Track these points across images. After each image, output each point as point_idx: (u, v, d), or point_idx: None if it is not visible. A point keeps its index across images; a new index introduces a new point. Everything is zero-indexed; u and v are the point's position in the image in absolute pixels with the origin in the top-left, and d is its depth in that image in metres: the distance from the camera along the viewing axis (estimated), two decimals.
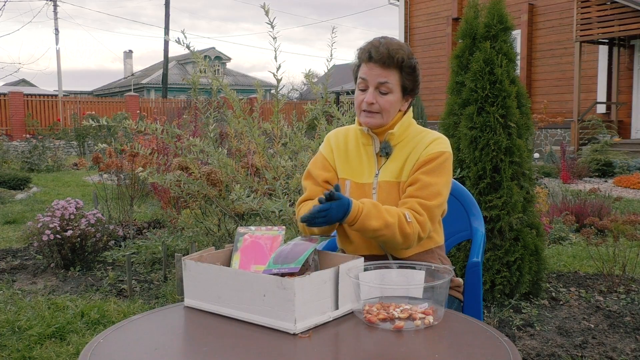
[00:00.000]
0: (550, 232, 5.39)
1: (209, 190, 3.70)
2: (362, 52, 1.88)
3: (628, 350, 3.01)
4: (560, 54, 15.18)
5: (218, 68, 34.78)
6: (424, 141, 1.89)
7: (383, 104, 1.86)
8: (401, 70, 1.86)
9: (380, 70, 1.84)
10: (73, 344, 3.06)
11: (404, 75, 1.87)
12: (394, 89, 1.86)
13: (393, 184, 1.88)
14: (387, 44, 1.84)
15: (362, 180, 1.92)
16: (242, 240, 1.74)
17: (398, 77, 1.86)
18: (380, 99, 1.86)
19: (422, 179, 1.83)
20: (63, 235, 4.40)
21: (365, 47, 1.88)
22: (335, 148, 2.00)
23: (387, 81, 1.85)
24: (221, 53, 38.81)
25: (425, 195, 1.81)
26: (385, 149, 1.91)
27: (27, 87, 30.29)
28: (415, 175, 1.85)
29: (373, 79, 1.85)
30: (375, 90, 1.86)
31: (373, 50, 1.84)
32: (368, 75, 1.86)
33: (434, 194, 1.82)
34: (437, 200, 1.82)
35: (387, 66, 1.84)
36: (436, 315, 1.48)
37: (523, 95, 3.77)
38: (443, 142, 1.90)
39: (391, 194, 1.87)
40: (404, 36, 18.37)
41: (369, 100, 1.86)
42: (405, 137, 1.92)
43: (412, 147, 1.90)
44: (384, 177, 1.90)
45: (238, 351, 1.37)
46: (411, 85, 1.90)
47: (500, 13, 3.69)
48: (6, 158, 13.28)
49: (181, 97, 25.51)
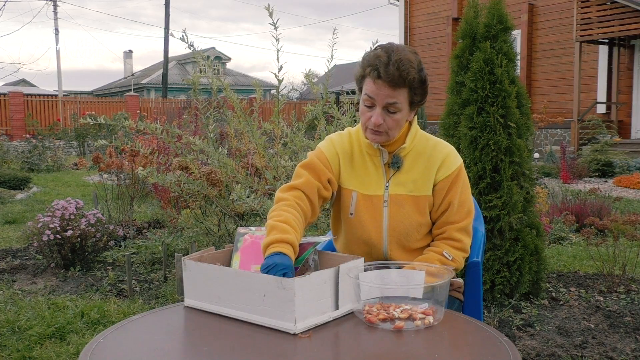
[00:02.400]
0: (550, 232, 5.39)
1: (209, 190, 3.70)
2: (370, 66, 1.73)
3: (628, 350, 3.01)
4: (560, 54, 15.18)
5: (218, 68, 34.75)
6: (438, 156, 1.86)
7: (391, 123, 1.77)
8: (410, 88, 1.75)
9: (389, 91, 1.72)
10: (73, 344, 3.06)
11: (413, 91, 1.76)
12: (403, 107, 1.76)
13: (407, 197, 1.84)
14: (397, 63, 1.69)
15: (370, 192, 1.85)
16: (242, 240, 1.74)
17: (407, 95, 1.75)
18: (388, 118, 1.76)
19: (453, 202, 1.85)
20: (63, 235, 4.40)
21: (372, 61, 1.73)
22: (342, 154, 1.90)
23: (395, 101, 1.74)
24: (221, 53, 38.80)
25: (460, 218, 1.85)
26: (396, 163, 1.84)
27: (27, 87, 30.29)
28: (446, 200, 1.85)
29: (381, 100, 1.73)
30: (382, 110, 1.75)
31: (382, 69, 1.70)
32: (376, 95, 1.74)
33: (467, 212, 1.86)
34: (471, 216, 1.87)
35: (397, 86, 1.71)
36: (436, 316, 1.48)
37: (523, 95, 3.77)
38: (454, 153, 1.90)
39: (404, 207, 1.83)
40: (404, 36, 18.38)
41: (377, 122, 1.75)
42: (415, 147, 1.86)
43: (425, 160, 1.85)
44: (396, 190, 1.84)
45: (238, 351, 1.37)
46: (420, 99, 1.80)
47: (500, 13, 3.69)
48: (6, 158, 13.28)
49: (181, 97, 25.53)
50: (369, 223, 1.85)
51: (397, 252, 1.87)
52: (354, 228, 1.88)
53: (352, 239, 1.92)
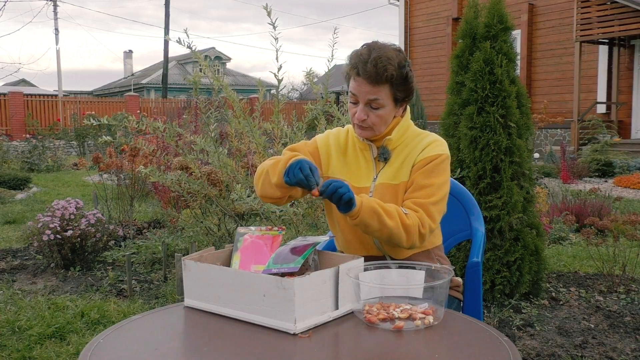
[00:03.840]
0: (550, 232, 5.39)
1: (210, 190, 3.70)
2: (351, 64, 1.82)
3: (628, 350, 3.01)
4: (560, 54, 15.18)
5: (218, 68, 34.76)
6: (421, 144, 1.89)
7: (374, 119, 1.83)
8: (391, 84, 1.80)
9: (369, 87, 1.79)
10: (73, 344, 3.06)
11: (395, 87, 1.81)
12: (386, 103, 1.82)
13: (389, 186, 1.88)
14: (375, 60, 1.76)
15: (360, 185, 1.90)
16: (242, 240, 1.74)
17: (389, 91, 1.81)
18: (371, 114, 1.82)
19: (417, 181, 1.84)
20: (63, 235, 4.40)
21: (353, 60, 1.82)
22: (335, 146, 1.98)
23: (377, 98, 1.80)
24: (221, 53, 38.80)
25: (420, 194, 1.82)
26: (383, 155, 1.90)
27: (27, 87, 30.29)
28: (411, 178, 1.86)
29: (363, 96, 1.81)
30: (366, 106, 1.82)
31: (361, 67, 1.77)
32: (357, 92, 1.82)
33: (430, 194, 1.82)
34: (433, 198, 1.82)
35: (377, 83, 1.78)
36: (436, 315, 1.49)
37: (523, 95, 3.77)
38: (439, 144, 1.89)
39: (386, 195, 1.86)
40: (404, 36, 18.38)
41: (360, 118, 1.83)
42: (403, 141, 1.91)
43: (410, 150, 1.89)
44: (381, 180, 1.89)
45: (238, 351, 1.37)
46: (403, 95, 1.86)
47: (500, 13, 3.69)
48: (6, 158, 13.27)
49: (181, 97, 25.51)
50: None
51: (387, 243, 1.88)
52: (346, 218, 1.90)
53: (347, 231, 1.94)
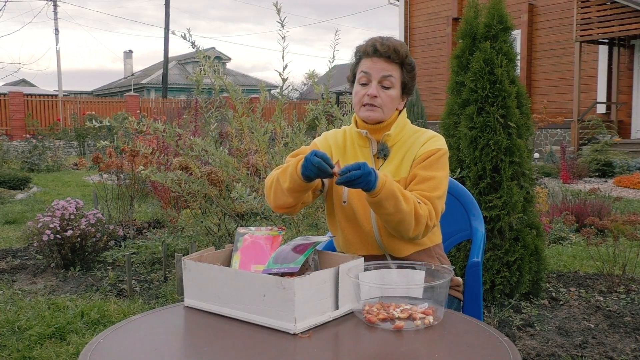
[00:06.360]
0: (550, 232, 5.39)
1: (210, 189, 3.70)
2: (365, 47, 1.90)
3: (628, 350, 3.01)
4: (560, 54, 15.17)
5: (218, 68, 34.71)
6: (420, 140, 1.92)
7: (385, 98, 1.88)
8: (402, 67, 1.90)
9: (384, 64, 1.87)
10: (73, 344, 3.06)
11: (405, 71, 1.91)
12: (396, 84, 1.90)
13: None
14: (390, 40, 1.89)
15: None
16: (242, 240, 1.74)
17: (400, 73, 1.90)
18: (382, 93, 1.88)
19: (420, 174, 1.85)
20: (63, 235, 4.40)
21: (367, 43, 1.91)
22: (335, 147, 2.01)
23: (391, 74, 1.88)
24: (221, 53, 38.77)
25: (425, 187, 1.83)
26: (382, 151, 1.92)
27: (27, 87, 30.29)
28: (414, 171, 1.87)
29: (377, 73, 1.88)
30: (378, 85, 1.88)
31: (378, 44, 1.87)
32: (371, 69, 1.88)
33: (434, 187, 1.83)
34: (437, 192, 1.83)
35: (392, 60, 1.87)
36: (436, 315, 1.49)
37: (523, 95, 3.77)
38: (438, 139, 1.93)
39: None
40: (404, 36, 18.37)
41: (372, 93, 1.87)
42: (402, 138, 1.94)
43: (409, 146, 1.91)
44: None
45: (238, 351, 1.37)
46: (410, 83, 1.94)
47: (500, 13, 3.69)
48: (6, 158, 13.28)
49: (181, 97, 25.51)
50: (360, 210, 1.89)
51: (389, 240, 1.89)
52: (348, 217, 1.92)
53: (347, 230, 1.94)
